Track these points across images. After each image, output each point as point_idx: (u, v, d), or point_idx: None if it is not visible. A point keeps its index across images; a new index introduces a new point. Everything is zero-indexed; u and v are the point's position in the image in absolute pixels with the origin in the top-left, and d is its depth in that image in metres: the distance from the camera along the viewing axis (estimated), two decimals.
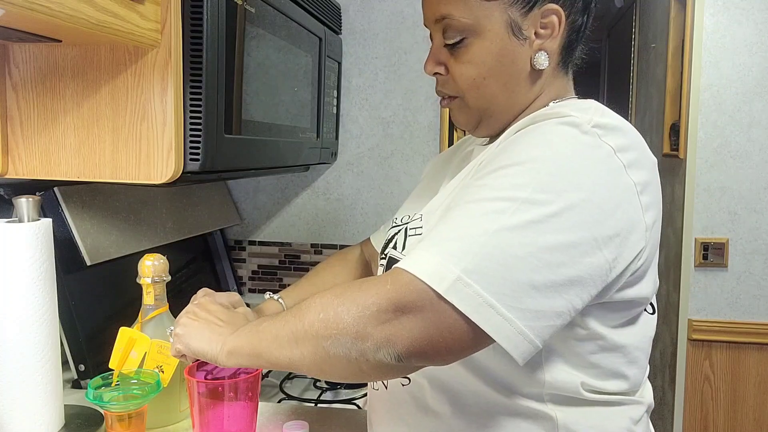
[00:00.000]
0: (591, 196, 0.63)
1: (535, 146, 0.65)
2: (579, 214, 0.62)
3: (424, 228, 0.78)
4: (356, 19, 1.70)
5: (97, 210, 1.18)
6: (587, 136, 0.65)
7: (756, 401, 1.91)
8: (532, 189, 0.62)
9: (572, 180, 0.63)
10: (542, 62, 0.75)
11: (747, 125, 1.85)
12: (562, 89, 0.79)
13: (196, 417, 0.89)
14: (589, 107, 0.71)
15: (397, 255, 0.79)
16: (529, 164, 0.64)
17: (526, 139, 0.67)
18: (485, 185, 0.65)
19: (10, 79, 0.92)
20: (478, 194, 0.65)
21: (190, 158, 0.91)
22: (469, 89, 0.77)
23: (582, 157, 0.65)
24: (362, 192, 1.75)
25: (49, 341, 0.88)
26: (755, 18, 1.83)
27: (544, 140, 0.66)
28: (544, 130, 0.67)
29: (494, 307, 0.60)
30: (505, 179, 0.64)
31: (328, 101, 1.54)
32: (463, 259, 0.60)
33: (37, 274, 0.86)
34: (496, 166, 0.66)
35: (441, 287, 0.60)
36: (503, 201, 0.62)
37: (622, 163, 0.65)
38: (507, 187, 0.63)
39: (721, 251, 1.88)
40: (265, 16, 1.10)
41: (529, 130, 0.68)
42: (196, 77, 0.90)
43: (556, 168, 0.63)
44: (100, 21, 0.74)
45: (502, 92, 0.76)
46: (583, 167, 0.64)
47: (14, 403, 0.86)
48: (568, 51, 0.78)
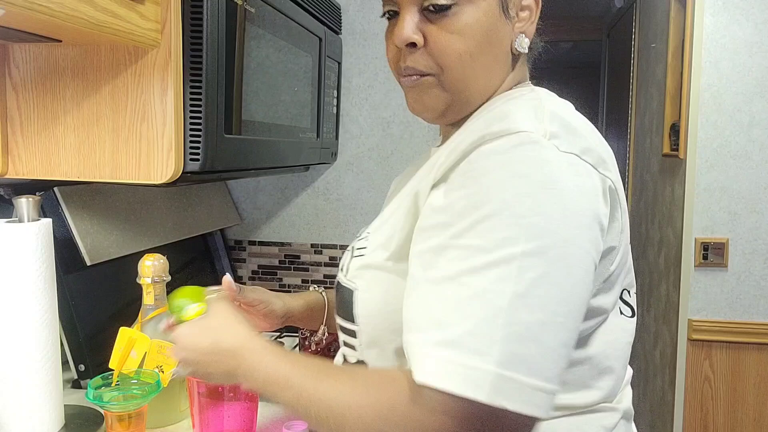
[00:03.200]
0: (579, 217, 0.58)
1: (502, 184, 0.57)
2: (578, 243, 0.57)
3: (367, 249, 0.71)
4: (356, 19, 1.70)
5: (97, 210, 1.18)
6: (550, 152, 0.59)
7: (756, 401, 1.91)
8: (525, 239, 0.55)
9: (558, 211, 0.57)
10: (523, 46, 0.69)
11: (747, 125, 1.85)
12: (520, 76, 0.74)
13: (196, 417, 0.89)
14: (536, 108, 0.64)
15: (344, 281, 0.72)
16: (507, 210, 0.55)
17: (488, 177, 0.58)
18: (470, 247, 0.56)
19: (10, 80, 0.92)
20: (468, 261, 0.56)
21: (190, 158, 0.91)
22: (454, 65, 0.67)
23: (554, 181, 0.58)
24: (362, 192, 1.75)
25: (49, 341, 0.88)
26: (755, 18, 1.83)
27: (509, 173, 0.57)
28: (504, 161, 0.58)
29: (544, 389, 0.53)
30: (489, 236, 0.55)
31: (328, 101, 1.54)
32: (492, 351, 0.52)
33: (37, 274, 0.86)
34: (472, 220, 0.57)
35: (482, 394, 0.51)
36: (501, 265, 0.54)
37: (589, 164, 0.61)
38: (495, 245, 0.55)
39: (721, 251, 1.88)
40: (265, 16, 1.10)
41: (485, 162, 0.59)
42: (196, 77, 0.90)
43: (537, 204, 0.56)
44: (100, 21, 0.74)
45: (484, 73, 0.69)
46: (561, 192, 0.57)
47: (14, 403, 0.86)
48: (534, 37, 0.73)
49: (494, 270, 0.54)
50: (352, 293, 0.70)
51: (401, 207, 0.69)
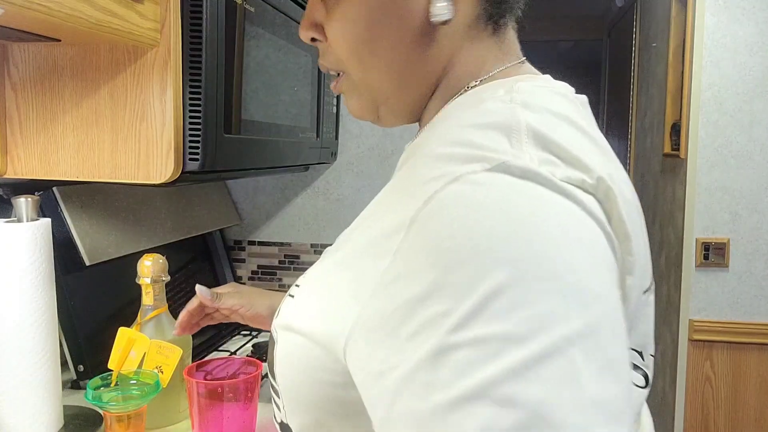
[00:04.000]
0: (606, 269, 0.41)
1: (506, 237, 0.38)
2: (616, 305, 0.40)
3: (300, 287, 0.53)
4: None
5: (96, 210, 1.18)
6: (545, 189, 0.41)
7: (757, 402, 1.91)
8: (572, 310, 0.37)
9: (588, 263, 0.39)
10: (441, 12, 0.51)
11: (748, 125, 1.85)
12: (486, 59, 0.55)
13: (196, 417, 0.89)
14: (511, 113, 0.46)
15: (273, 329, 0.54)
16: (528, 273, 0.37)
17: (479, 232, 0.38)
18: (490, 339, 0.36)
19: (9, 79, 0.92)
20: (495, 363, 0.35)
21: (190, 158, 0.91)
22: (350, 60, 0.54)
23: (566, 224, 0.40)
24: (362, 192, 1.74)
25: (48, 342, 0.88)
26: (756, 17, 1.82)
27: (507, 221, 0.39)
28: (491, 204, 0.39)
29: None
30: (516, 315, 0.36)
31: (328, 101, 1.54)
32: None
33: (36, 274, 0.85)
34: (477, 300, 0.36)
35: None
36: (552, 357, 0.35)
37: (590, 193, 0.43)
38: (532, 326, 0.36)
39: (722, 251, 1.87)
40: (265, 16, 1.10)
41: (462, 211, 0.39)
42: (195, 77, 0.89)
43: (565, 258, 0.38)
44: (99, 20, 0.73)
45: (394, 62, 0.53)
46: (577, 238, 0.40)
47: (13, 403, 0.86)
48: (492, 6, 0.54)
49: (546, 367, 0.34)
50: (274, 346, 0.53)
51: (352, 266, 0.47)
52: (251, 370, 0.94)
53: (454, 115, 0.51)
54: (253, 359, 0.98)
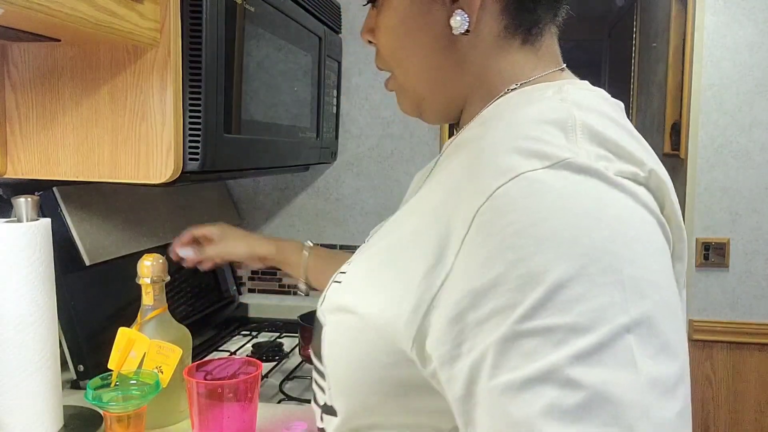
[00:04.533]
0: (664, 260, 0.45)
1: (568, 232, 0.41)
2: (673, 291, 0.44)
3: (347, 274, 0.58)
4: (356, 19, 1.69)
5: (96, 210, 1.18)
6: (602, 184, 0.44)
7: (757, 402, 1.91)
8: (630, 300, 0.40)
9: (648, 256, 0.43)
10: (459, 24, 0.56)
11: (748, 125, 1.85)
12: (522, 67, 0.58)
13: (196, 418, 0.89)
14: (566, 111, 0.49)
15: (319, 309, 0.59)
16: (589, 266, 0.40)
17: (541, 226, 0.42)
18: (555, 330, 0.39)
19: (9, 79, 0.92)
20: (561, 350, 0.39)
21: (190, 158, 0.91)
22: (391, 61, 0.62)
23: (629, 218, 0.44)
24: (362, 192, 1.74)
25: (48, 342, 0.88)
26: (756, 17, 1.82)
27: (571, 216, 0.42)
28: (554, 200, 0.42)
29: None
30: (579, 307, 0.40)
31: (328, 101, 1.54)
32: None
33: (36, 274, 0.85)
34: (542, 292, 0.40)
35: None
36: (613, 344, 0.39)
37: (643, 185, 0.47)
38: (594, 317, 0.40)
39: (722, 251, 1.87)
40: (265, 16, 1.10)
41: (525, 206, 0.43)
42: (195, 77, 0.89)
43: (624, 251, 0.42)
44: (99, 20, 0.73)
45: (424, 67, 0.60)
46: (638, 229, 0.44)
47: (13, 403, 0.86)
48: (517, 11, 0.57)
49: (606, 353, 0.38)
50: (322, 329, 0.57)
51: (412, 246, 0.50)
52: (251, 370, 0.94)
53: (506, 112, 0.55)
54: (253, 359, 0.98)
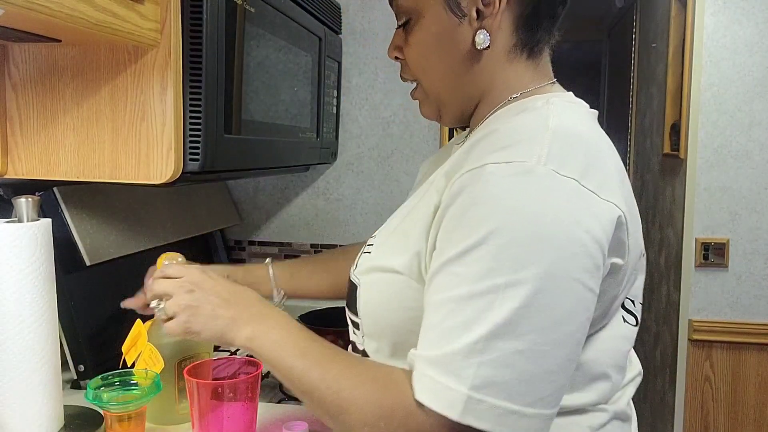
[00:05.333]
0: (570, 247, 0.58)
1: (490, 216, 0.58)
2: (566, 274, 0.58)
3: (374, 247, 0.76)
4: (356, 19, 1.70)
5: (96, 210, 1.18)
6: (544, 180, 0.59)
7: (756, 402, 1.91)
8: (507, 270, 0.57)
9: (545, 242, 0.57)
10: (482, 41, 0.70)
11: (748, 125, 1.85)
12: (522, 77, 0.74)
13: (196, 417, 0.89)
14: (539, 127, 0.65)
15: (352, 275, 0.78)
16: (492, 241, 0.57)
17: (479, 208, 0.59)
18: (458, 275, 0.59)
19: (10, 79, 0.92)
20: (455, 290, 0.59)
21: (190, 158, 0.91)
22: (418, 73, 0.76)
23: (545, 211, 0.58)
24: (362, 192, 1.75)
25: (49, 341, 0.88)
26: (756, 18, 1.82)
27: (498, 207, 0.59)
28: (494, 192, 0.59)
29: (519, 412, 0.57)
30: (475, 266, 0.58)
31: (328, 101, 1.54)
32: (467, 374, 0.57)
33: (36, 274, 0.85)
34: (461, 249, 0.59)
35: (454, 413, 0.57)
36: (484, 295, 0.57)
37: (589, 190, 0.60)
38: (480, 275, 0.58)
39: (722, 251, 1.88)
40: (265, 16, 1.10)
41: (478, 191, 0.60)
42: (195, 77, 0.89)
43: (523, 236, 0.57)
44: (99, 21, 0.74)
45: (448, 76, 0.74)
46: (550, 223, 0.58)
47: (13, 403, 0.86)
48: (526, 31, 0.71)
49: (478, 300, 0.58)
50: (356, 289, 0.76)
51: (418, 217, 0.70)
52: (252, 369, 0.94)
53: (501, 120, 0.70)
54: (253, 359, 0.98)
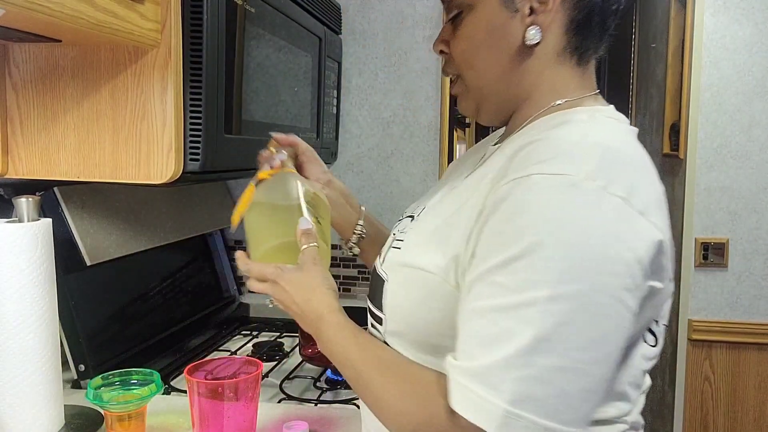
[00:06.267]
0: (613, 265, 0.57)
1: (535, 227, 0.58)
2: (609, 292, 0.57)
3: (405, 243, 0.75)
4: (356, 19, 1.70)
5: (97, 210, 1.18)
6: (590, 196, 0.58)
7: (756, 401, 1.91)
8: (551, 284, 0.56)
9: (590, 258, 0.56)
10: (533, 36, 0.69)
11: (747, 125, 1.85)
12: (568, 83, 0.72)
13: (197, 417, 0.89)
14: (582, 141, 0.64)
15: (379, 269, 0.77)
16: (536, 253, 0.56)
17: (524, 217, 0.58)
18: (500, 285, 0.58)
19: (10, 79, 0.92)
20: (496, 300, 0.58)
21: (190, 158, 0.91)
22: (463, 65, 0.74)
23: (591, 227, 0.57)
24: (362, 192, 1.75)
25: (49, 341, 0.88)
26: (755, 18, 1.82)
27: (543, 218, 0.58)
28: (540, 203, 0.58)
29: (554, 429, 0.56)
30: (517, 276, 0.57)
31: (328, 101, 1.54)
32: (505, 388, 0.56)
33: (36, 274, 0.86)
34: (504, 258, 0.58)
35: (492, 426, 0.56)
36: (526, 308, 0.56)
37: (635, 210, 0.59)
38: (522, 286, 0.57)
39: (722, 251, 1.88)
40: (265, 16, 1.10)
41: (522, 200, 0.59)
42: (196, 77, 0.90)
43: (568, 250, 0.56)
44: (99, 21, 0.74)
45: (494, 70, 0.72)
46: (596, 239, 0.57)
47: (14, 402, 0.86)
48: (577, 35, 0.70)
49: (519, 312, 0.57)
50: (384, 283, 0.74)
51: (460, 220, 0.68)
52: (252, 369, 0.94)
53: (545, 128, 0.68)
54: (253, 359, 0.98)
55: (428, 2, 1.69)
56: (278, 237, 0.80)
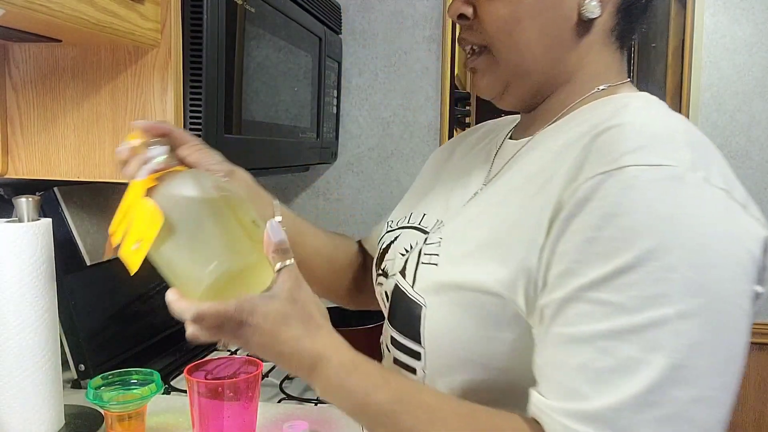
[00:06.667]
0: (734, 269, 0.49)
1: (645, 229, 0.48)
2: (733, 301, 0.49)
3: (441, 256, 0.62)
4: (356, 19, 1.70)
5: (97, 210, 1.18)
6: (697, 189, 0.49)
7: (756, 402, 1.91)
8: (678, 297, 0.46)
9: (711, 264, 0.48)
10: (592, 9, 0.59)
11: (747, 125, 1.85)
12: (610, 68, 0.64)
13: (196, 417, 0.89)
14: (667, 126, 0.55)
15: (411, 292, 0.62)
16: (652, 261, 0.47)
17: (627, 218, 0.48)
18: (607, 304, 0.48)
19: (10, 79, 0.92)
20: (606, 323, 0.47)
21: None
22: (499, 33, 0.61)
23: (705, 226, 0.49)
24: (362, 192, 1.75)
25: (49, 341, 0.88)
26: (755, 18, 1.83)
27: (652, 218, 0.48)
28: (646, 200, 0.48)
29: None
30: (632, 292, 0.47)
31: (328, 101, 1.54)
32: None
33: (36, 274, 0.86)
34: (608, 271, 0.48)
35: None
36: (651, 330, 0.46)
37: (739, 203, 0.52)
38: (640, 304, 0.47)
39: None
40: (265, 16, 1.10)
41: (621, 198, 0.49)
42: (196, 77, 0.90)
43: (688, 256, 0.47)
44: (100, 21, 0.74)
45: (539, 42, 0.61)
46: (714, 240, 0.48)
47: (14, 402, 0.86)
48: (626, 15, 0.62)
49: (643, 336, 0.46)
50: (420, 309, 0.60)
51: (520, 226, 0.56)
52: (252, 369, 0.94)
53: (600, 115, 0.58)
54: (253, 359, 0.98)
55: (428, 2, 1.69)
56: (224, 260, 0.54)
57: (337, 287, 0.90)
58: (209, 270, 0.53)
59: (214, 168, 0.68)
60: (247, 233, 0.56)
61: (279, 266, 0.55)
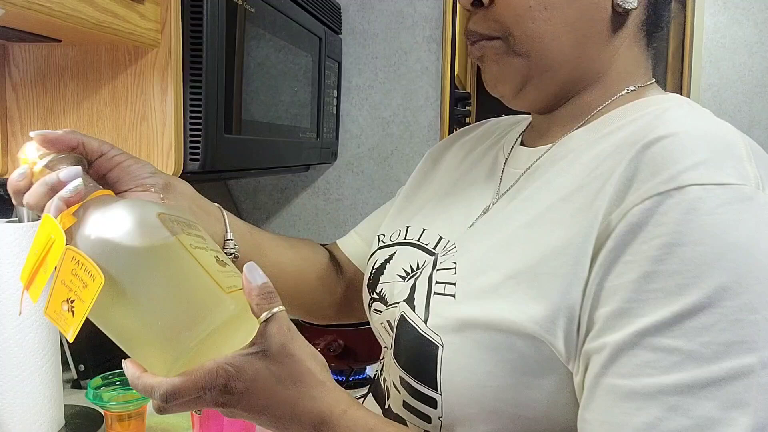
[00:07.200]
0: None
1: (716, 262, 0.40)
2: None
3: (458, 287, 0.53)
4: (356, 19, 1.70)
5: None
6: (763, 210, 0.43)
7: None
8: (759, 342, 0.40)
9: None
10: (631, 0, 0.53)
11: (747, 125, 1.85)
12: (639, 66, 0.57)
13: (196, 417, 0.89)
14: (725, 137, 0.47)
15: (424, 329, 0.53)
16: (727, 300, 0.40)
17: (692, 248, 0.41)
18: (674, 352, 0.40)
19: (10, 79, 0.92)
20: (675, 374, 0.40)
21: (190, 158, 0.91)
22: (522, 21, 0.53)
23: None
24: (362, 192, 1.75)
25: (49, 341, 0.88)
26: (755, 18, 1.83)
27: (725, 250, 0.41)
28: (712, 228, 0.41)
29: None
30: (704, 338, 0.40)
31: (328, 101, 1.54)
32: None
33: None
34: (673, 312, 0.41)
35: None
36: (731, 383, 0.39)
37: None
38: (716, 351, 0.40)
39: None
40: (265, 16, 1.10)
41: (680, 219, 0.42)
42: (196, 77, 0.90)
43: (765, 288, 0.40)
44: (99, 21, 0.74)
45: (568, 33, 0.53)
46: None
47: (14, 403, 0.86)
48: (656, 11, 0.56)
49: (722, 390, 0.39)
50: (437, 350, 0.52)
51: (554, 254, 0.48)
52: None
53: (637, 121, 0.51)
54: None
55: (428, 2, 1.69)
56: (195, 322, 0.43)
57: (308, 305, 0.79)
58: (180, 339, 0.42)
59: (147, 183, 0.57)
60: (214, 278, 0.44)
61: (266, 315, 0.45)
